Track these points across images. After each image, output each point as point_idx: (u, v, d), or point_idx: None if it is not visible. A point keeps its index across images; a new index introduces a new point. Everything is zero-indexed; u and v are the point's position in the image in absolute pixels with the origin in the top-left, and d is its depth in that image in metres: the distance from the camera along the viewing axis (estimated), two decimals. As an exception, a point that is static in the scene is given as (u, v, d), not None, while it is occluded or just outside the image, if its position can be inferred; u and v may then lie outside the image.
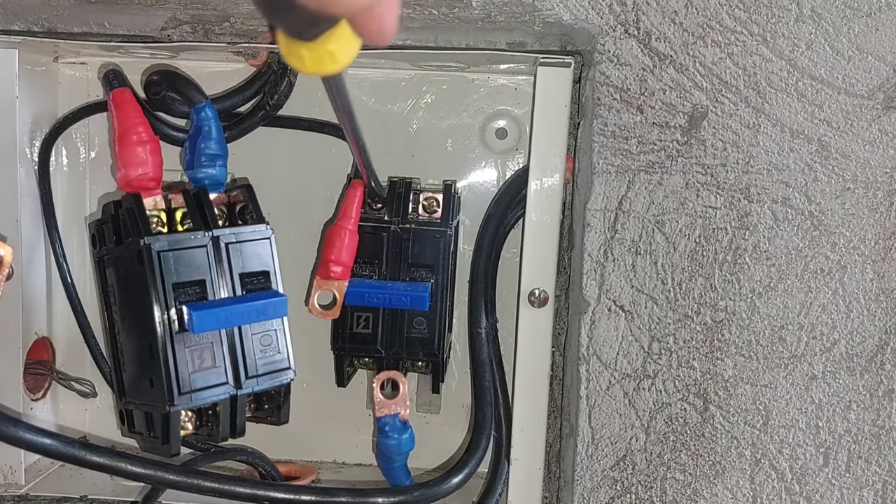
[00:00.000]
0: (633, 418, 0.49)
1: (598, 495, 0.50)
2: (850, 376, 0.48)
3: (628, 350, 0.49)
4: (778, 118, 0.47)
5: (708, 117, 0.47)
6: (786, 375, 0.48)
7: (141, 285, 0.46)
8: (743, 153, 0.47)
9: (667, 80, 0.47)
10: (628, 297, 0.49)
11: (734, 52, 0.46)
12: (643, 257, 0.48)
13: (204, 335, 0.46)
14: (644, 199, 0.48)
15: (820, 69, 0.46)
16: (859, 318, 0.47)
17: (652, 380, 0.49)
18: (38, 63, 0.54)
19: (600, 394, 0.49)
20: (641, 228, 0.48)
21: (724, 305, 0.48)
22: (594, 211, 0.48)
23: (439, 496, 0.49)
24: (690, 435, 0.49)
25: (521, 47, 0.51)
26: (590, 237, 0.49)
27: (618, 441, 0.49)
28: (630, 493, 0.49)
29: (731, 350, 0.48)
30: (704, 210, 0.48)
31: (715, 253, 0.48)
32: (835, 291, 0.47)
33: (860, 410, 0.48)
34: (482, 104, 0.56)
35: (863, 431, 0.48)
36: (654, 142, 0.48)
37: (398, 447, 0.51)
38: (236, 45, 0.50)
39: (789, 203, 0.47)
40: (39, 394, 0.55)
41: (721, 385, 0.48)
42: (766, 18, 0.46)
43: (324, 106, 0.55)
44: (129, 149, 0.49)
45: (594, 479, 0.50)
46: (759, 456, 0.48)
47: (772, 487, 0.48)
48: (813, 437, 0.48)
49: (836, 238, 0.47)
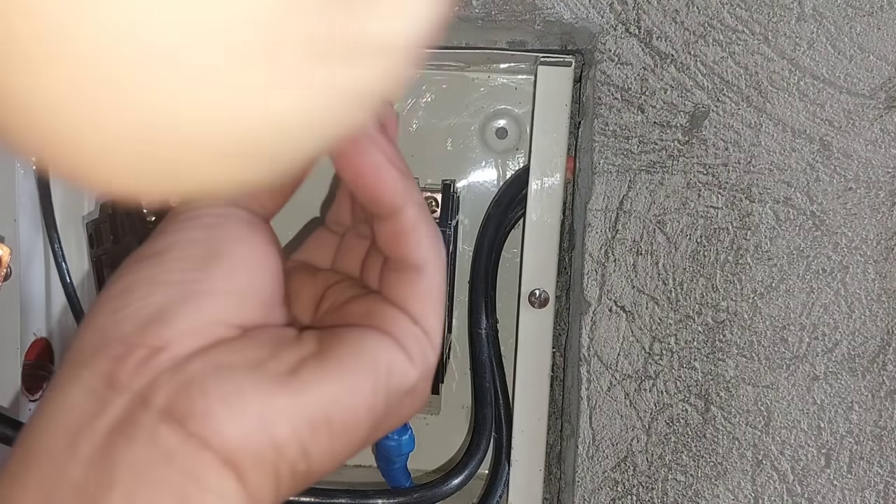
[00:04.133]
0: (635, 419, 0.49)
1: (599, 497, 0.49)
2: (852, 377, 0.47)
3: (629, 351, 0.49)
4: (780, 117, 0.46)
5: (709, 117, 0.47)
6: (787, 376, 0.48)
7: (139, 286, 0.45)
8: (744, 153, 0.47)
9: (668, 79, 0.47)
10: (629, 297, 0.48)
11: (735, 51, 0.46)
12: (644, 257, 0.48)
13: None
14: (645, 198, 0.48)
15: (822, 68, 0.46)
16: (861, 319, 0.47)
17: (653, 380, 0.48)
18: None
19: (601, 395, 0.49)
20: (643, 228, 0.48)
21: (725, 306, 0.48)
22: (595, 211, 0.48)
23: (439, 498, 0.49)
24: (692, 436, 0.49)
25: (522, 46, 0.51)
26: (590, 237, 0.48)
27: (619, 442, 0.49)
28: (631, 495, 0.49)
29: (732, 351, 0.48)
30: (706, 210, 0.47)
31: (716, 253, 0.48)
32: (836, 292, 0.47)
33: (862, 411, 0.48)
34: (482, 103, 0.56)
35: (864, 432, 0.48)
36: (656, 141, 0.47)
37: (398, 448, 0.51)
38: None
39: (791, 203, 0.47)
40: (38, 394, 0.55)
41: (722, 386, 0.48)
42: (767, 17, 0.46)
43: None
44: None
45: (595, 481, 0.49)
46: (761, 457, 0.48)
47: (773, 489, 0.48)
48: (815, 437, 0.48)
49: (837, 238, 0.47)
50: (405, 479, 0.53)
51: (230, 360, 0.24)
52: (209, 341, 0.25)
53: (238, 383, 0.23)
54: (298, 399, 0.24)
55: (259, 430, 0.23)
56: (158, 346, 0.24)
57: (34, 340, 0.55)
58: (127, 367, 0.24)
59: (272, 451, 0.23)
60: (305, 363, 0.25)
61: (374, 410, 0.26)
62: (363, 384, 0.25)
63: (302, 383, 0.24)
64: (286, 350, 0.25)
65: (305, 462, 0.24)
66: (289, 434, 0.24)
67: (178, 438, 0.23)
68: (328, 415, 0.24)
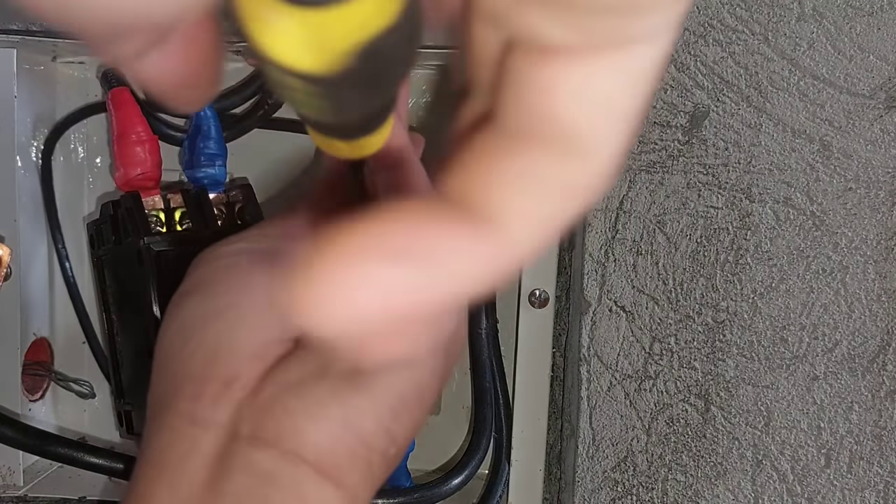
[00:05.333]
0: (635, 419, 0.49)
1: (599, 497, 0.49)
2: (852, 377, 0.47)
3: (629, 351, 0.49)
4: (780, 118, 0.47)
5: (709, 117, 0.47)
6: (787, 376, 0.48)
7: (140, 286, 0.45)
8: (744, 153, 0.47)
9: (667, 79, 0.47)
10: (629, 297, 0.48)
11: (735, 51, 0.46)
12: (644, 257, 0.48)
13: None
14: (645, 198, 0.48)
15: (822, 68, 0.46)
16: (861, 319, 0.47)
17: (653, 381, 0.49)
18: (36, 62, 0.54)
19: (601, 395, 0.49)
20: (642, 228, 0.48)
21: (725, 306, 0.48)
22: (595, 211, 0.48)
23: (439, 498, 0.49)
24: (692, 436, 0.49)
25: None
26: (590, 237, 0.48)
27: (619, 442, 0.49)
28: (631, 495, 0.49)
29: (732, 351, 0.48)
30: (706, 210, 0.47)
31: (716, 253, 0.48)
32: (836, 292, 0.47)
33: (862, 411, 0.48)
34: (482, 104, 0.56)
35: (864, 432, 0.48)
36: (655, 141, 0.47)
37: (398, 448, 0.51)
38: (236, 45, 0.50)
39: (791, 203, 0.47)
40: (38, 394, 0.55)
41: (722, 386, 0.48)
42: (767, 17, 0.46)
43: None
44: (127, 148, 0.49)
45: (595, 481, 0.49)
46: (761, 457, 0.48)
47: (773, 489, 0.48)
48: (815, 437, 0.48)
49: (837, 238, 0.47)
50: (405, 479, 0.53)
51: (297, 376, 0.26)
52: (270, 362, 0.27)
53: (315, 395, 0.25)
54: (372, 392, 0.25)
55: (346, 431, 0.25)
56: (228, 378, 0.26)
57: (34, 340, 0.55)
58: (205, 403, 0.25)
59: (363, 447, 0.25)
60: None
61: (436, 368, 0.27)
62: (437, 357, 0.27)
63: (368, 377, 0.25)
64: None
65: (394, 445, 0.26)
66: (374, 426, 0.25)
67: (274, 460, 0.24)
68: (402, 395, 0.26)
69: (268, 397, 0.25)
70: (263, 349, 0.27)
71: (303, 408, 0.25)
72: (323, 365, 0.26)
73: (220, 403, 0.25)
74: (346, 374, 0.25)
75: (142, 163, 0.48)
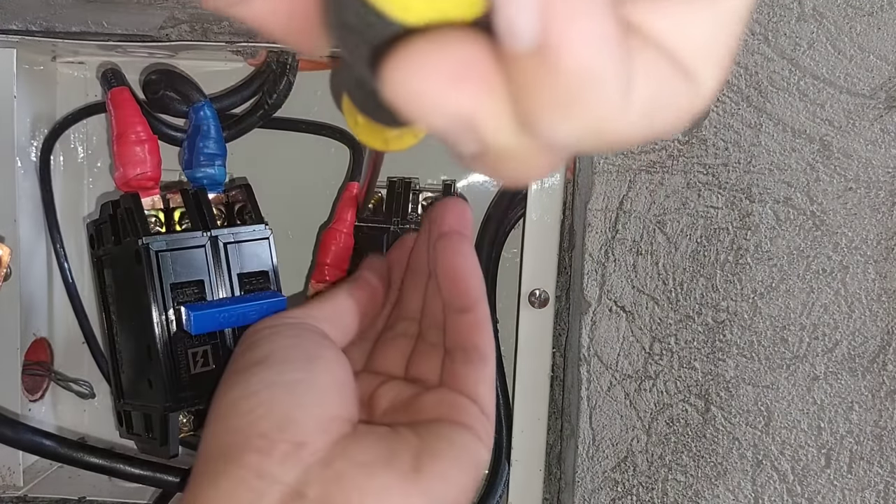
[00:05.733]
0: (635, 419, 0.49)
1: (599, 497, 0.49)
2: (852, 377, 0.47)
3: (629, 351, 0.49)
4: (780, 117, 0.46)
5: (709, 116, 0.47)
6: (787, 376, 0.48)
7: (139, 286, 0.45)
8: (744, 153, 0.47)
9: (668, 79, 0.47)
10: (629, 297, 0.48)
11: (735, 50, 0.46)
12: (644, 257, 0.48)
13: (202, 336, 0.46)
14: (645, 198, 0.48)
15: (822, 68, 0.46)
16: (861, 319, 0.47)
17: (653, 381, 0.48)
18: (35, 62, 0.54)
19: (601, 395, 0.49)
20: (643, 228, 0.48)
21: (725, 306, 0.48)
22: (595, 211, 0.48)
23: (439, 497, 0.49)
24: (692, 436, 0.49)
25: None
26: (590, 237, 0.48)
27: (619, 442, 0.49)
28: (631, 495, 0.49)
29: (732, 351, 0.48)
30: (706, 210, 0.47)
31: (716, 253, 0.48)
32: (837, 292, 0.47)
33: (862, 411, 0.48)
34: (482, 104, 0.56)
35: (865, 432, 0.48)
36: (656, 141, 0.47)
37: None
38: (235, 44, 0.50)
39: (791, 203, 0.47)
40: (38, 394, 0.55)
41: (723, 386, 0.48)
42: (767, 17, 0.46)
43: (322, 106, 0.55)
44: (127, 148, 0.48)
45: (595, 481, 0.49)
46: (761, 457, 0.48)
47: (773, 489, 0.48)
48: (815, 437, 0.48)
49: (838, 238, 0.47)
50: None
51: (369, 458, 0.29)
52: (335, 437, 0.30)
53: (383, 480, 0.28)
54: (427, 495, 0.28)
55: None
56: (298, 442, 0.28)
57: (34, 340, 0.55)
58: (274, 459, 0.28)
59: None
60: (422, 462, 0.29)
61: (469, 494, 0.31)
62: (469, 480, 0.31)
63: (427, 481, 0.29)
64: (400, 447, 0.30)
65: None
66: None
67: None
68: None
69: (339, 470, 0.28)
70: (329, 424, 0.30)
71: (371, 488, 0.27)
72: (387, 456, 0.29)
73: (289, 463, 0.28)
74: (408, 472, 0.28)
75: (141, 163, 0.48)
